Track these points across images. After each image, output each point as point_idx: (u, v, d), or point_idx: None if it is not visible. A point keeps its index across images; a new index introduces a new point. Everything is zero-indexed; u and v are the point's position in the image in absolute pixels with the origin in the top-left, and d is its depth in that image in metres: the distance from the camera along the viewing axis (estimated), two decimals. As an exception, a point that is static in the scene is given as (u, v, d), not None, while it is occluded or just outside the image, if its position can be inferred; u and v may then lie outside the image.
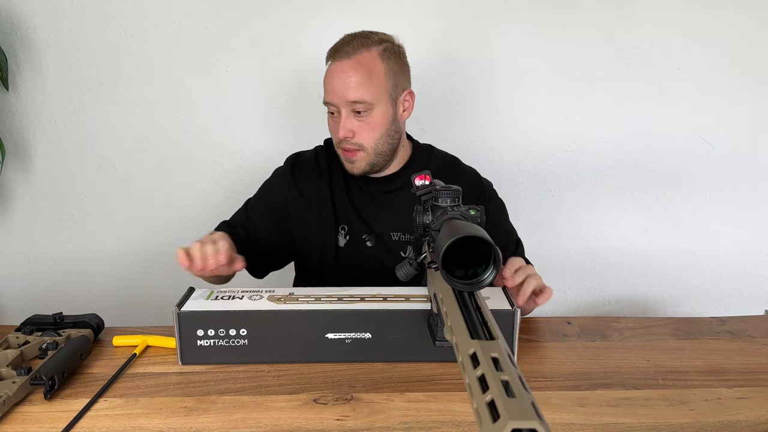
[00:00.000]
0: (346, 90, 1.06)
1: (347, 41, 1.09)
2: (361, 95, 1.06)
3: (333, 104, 1.09)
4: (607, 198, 1.79)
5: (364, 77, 1.06)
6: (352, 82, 1.06)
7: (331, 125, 1.14)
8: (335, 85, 1.07)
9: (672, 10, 1.65)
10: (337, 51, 1.09)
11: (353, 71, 1.06)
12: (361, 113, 1.08)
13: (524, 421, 0.36)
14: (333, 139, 1.15)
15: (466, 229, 0.59)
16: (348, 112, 1.08)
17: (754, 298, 1.87)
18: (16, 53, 1.64)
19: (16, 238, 1.78)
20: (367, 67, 1.07)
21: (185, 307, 0.88)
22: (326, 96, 1.11)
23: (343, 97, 1.07)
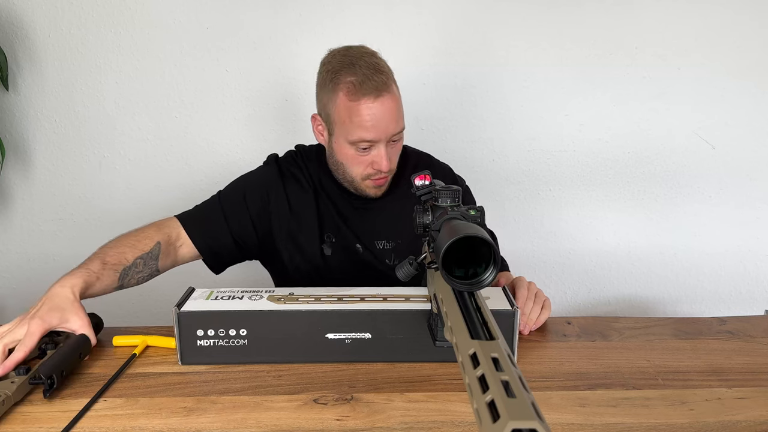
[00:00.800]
0: (393, 125, 1.05)
1: (371, 73, 1.02)
2: (401, 125, 1.07)
3: (373, 140, 1.04)
4: (607, 198, 1.79)
5: (399, 107, 1.06)
6: (396, 115, 1.05)
7: (356, 159, 1.08)
8: (380, 123, 1.03)
9: (672, 10, 1.65)
10: (366, 85, 1.02)
11: (395, 104, 1.05)
12: (395, 141, 1.08)
13: (524, 421, 0.36)
14: (358, 172, 1.09)
15: (466, 229, 0.59)
16: (386, 143, 1.06)
17: (754, 298, 1.87)
18: (16, 53, 1.64)
19: (16, 238, 1.78)
20: (398, 97, 1.06)
21: (185, 307, 0.88)
22: (365, 133, 1.03)
23: (389, 132, 1.05)
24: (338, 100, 1.05)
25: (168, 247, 1.13)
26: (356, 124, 1.03)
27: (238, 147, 1.73)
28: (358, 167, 1.09)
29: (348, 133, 1.05)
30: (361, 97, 1.02)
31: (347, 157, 1.09)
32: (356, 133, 1.04)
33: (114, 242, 1.09)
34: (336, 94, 1.05)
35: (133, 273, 1.07)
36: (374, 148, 1.06)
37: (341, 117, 1.05)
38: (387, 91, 1.03)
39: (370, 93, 1.02)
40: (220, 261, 1.21)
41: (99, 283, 1.01)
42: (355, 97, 1.02)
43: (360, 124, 1.03)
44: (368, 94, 1.02)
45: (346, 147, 1.07)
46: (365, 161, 1.08)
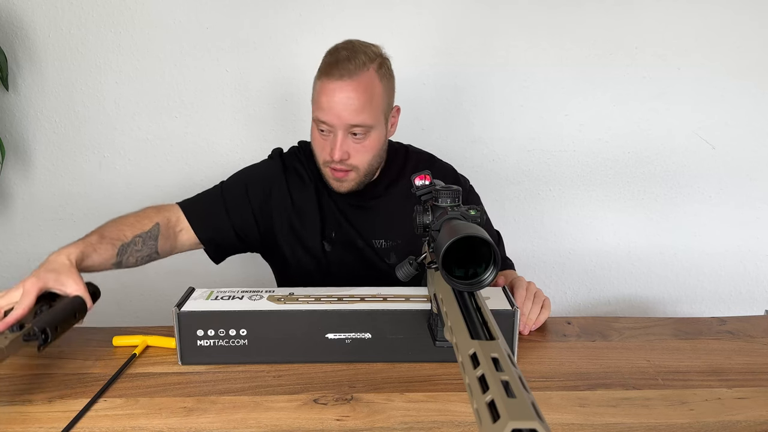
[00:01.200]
0: (347, 113, 1.02)
1: (345, 58, 1.02)
2: (362, 119, 1.03)
3: (328, 123, 1.04)
4: (607, 198, 1.79)
5: (366, 101, 1.03)
6: (353, 105, 1.02)
7: (319, 141, 1.08)
8: (335, 106, 1.02)
9: (672, 10, 1.65)
10: (334, 68, 1.02)
11: (355, 94, 1.02)
12: (357, 135, 1.05)
13: (524, 421, 0.36)
14: (319, 155, 1.10)
15: (466, 229, 0.59)
16: (345, 133, 1.05)
17: (754, 298, 1.87)
18: (16, 53, 1.64)
19: (16, 238, 1.78)
20: (368, 90, 1.03)
21: (185, 307, 0.88)
22: (321, 114, 1.05)
23: (343, 120, 1.03)
24: (315, 79, 1.08)
25: (168, 230, 1.13)
26: (316, 102, 1.06)
27: (238, 147, 1.73)
28: (320, 150, 1.09)
29: (313, 110, 1.08)
30: (326, 76, 1.04)
31: (314, 138, 1.11)
32: (316, 111, 1.06)
33: (113, 221, 1.08)
34: (317, 75, 1.08)
35: (131, 251, 1.07)
36: (333, 133, 1.06)
37: (313, 95, 1.08)
38: (352, 78, 1.01)
39: (333, 76, 1.02)
40: (221, 252, 1.20)
41: (96, 255, 0.99)
42: (321, 77, 1.05)
43: (318, 103, 1.05)
44: (332, 75, 1.02)
45: (313, 126, 1.09)
46: (325, 146, 1.08)
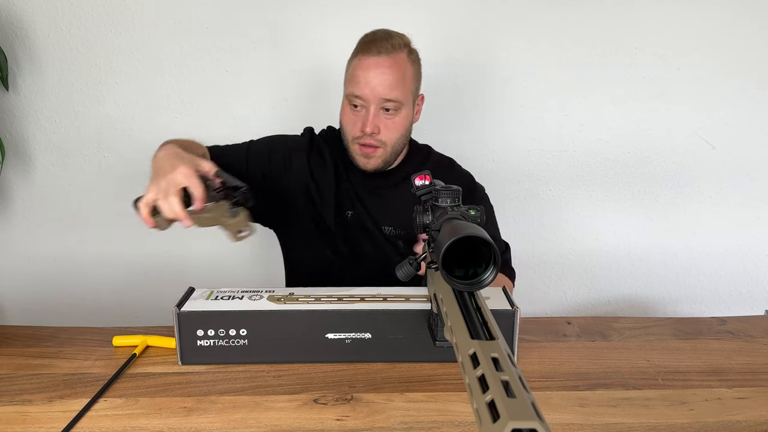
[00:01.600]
0: (382, 87, 1.07)
1: (382, 38, 1.08)
2: (395, 94, 1.08)
3: (363, 98, 1.09)
4: (607, 198, 1.79)
5: (399, 77, 1.08)
6: (388, 80, 1.07)
7: (350, 117, 1.12)
8: (371, 80, 1.07)
9: (672, 10, 1.65)
10: (371, 45, 1.08)
11: (390, 69, 1.07)
12: (389, 111, 1.10)
13: (524, 421, 0.36)
14: (349, 131, 1.14)
15: (466, 229, 0.59)
16: (377, 108, 1.09)
17: (754, 298, 1.87)
18: (16, 53, 1.64)
19: (16, 238, 1.78)
20: (402, 69, 1.09)
21: (185, 307, 0.88)
22: (355, 88, 1.09)
23: (378, 94, 1.08)
24: (350, 59, 1.13)
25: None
26: (351, 77, 1.10)
27: (238, 147, 1.73)
28: (350, 126, 1.13)
29: (346, 87, 1.12)
30: (363, 53, 1.09)
31: (344, 114, 1.14)
32: (350, 87, 1.10)
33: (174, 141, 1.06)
34: (351, 55, 1.13)
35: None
36: (365, 109, 1.10)
37: (347, 73, 1.12)
38: (388, 54, 1.07)
39: (371, 51, 1.07)
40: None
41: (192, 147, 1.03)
42: (357, 54, 1.10)
43: (352, 77, 1.09)
44: (370, 51, 1.07)
45: (345, 103, 1.13)
46: (356, 121, 1.11)
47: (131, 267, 1.81)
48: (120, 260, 1.80)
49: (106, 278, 1.81)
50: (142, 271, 1.81)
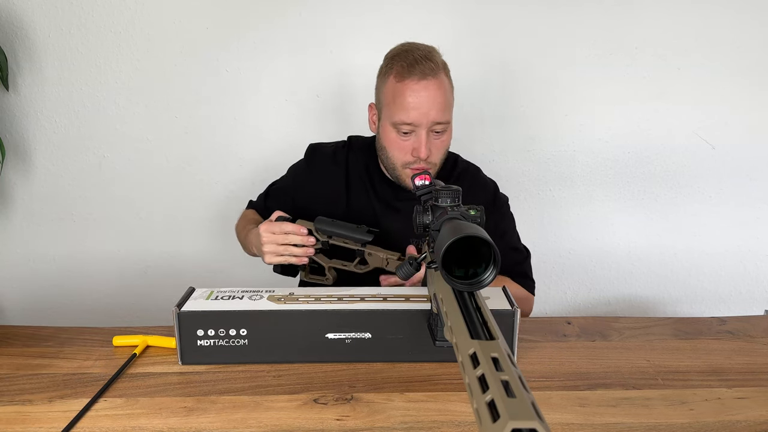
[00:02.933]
0: (435, 111, 1.05)
1: (422, 58, 1.05)
2: (446, 116, 1.08)
3: (414, 124, 1.06)
4: (607, 198, 1.79)
5: (447, 98, 1.08)
6: (440, 102, 1.05)
7: (399, 144, 1.09)
8: (422, 104, 1.04)
9: (672, 10, 1.65)
10: (414, 69, 1.05)
11: (440, 91, 1.05)
12: (438, 132, 1.08)
13: (524, 421, 0.36)
14: (398, 157, 1.11)
15: (466, 229, 0.59)
16: (427, 132, 1.07)
17: (754, 298, 1.87)
18: (16, 53, 1.64)
19: (16, 238, 1.78)
20: (445, 88, 1.08)
21: (185, 307, 0.88)
22: (405, 116, 1.05)
23: (430, 118, 1.05)
24: (388, 83, 1.09)
25: None
26: (399, 104, 1.06)
27: (238, 146, 1.73)
28: (398, 152, 1.10)
29: (392, 114, 1.08)
30: (406, 78, 1.05)
31: (390, 140, 1.11)
32: (398, 114, 1.06)
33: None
34: (387, 77, 1.09)
35: None
36: (415, 133, 1.08)
37: (388, 98, 1.08)
38: (433, 77, 1.05)
39: (415, 75, 1.04)
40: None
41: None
42: (401, 78, 1.06)
43: (402, 105, 1.05)
44: (414, 76, 1.05)
45: (389, 130, 1.10)
46: (406, 147, 1.09)
47: (131, 267, 1.81)
48: (120, 260, 1.80)
49: (106, 278, 1.81)
50: (142, 271, 1.81)
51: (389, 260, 1.03)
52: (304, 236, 1.03)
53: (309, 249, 1.04)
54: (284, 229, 1.03)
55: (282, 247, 1.03)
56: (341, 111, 1.70)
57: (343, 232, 1.05)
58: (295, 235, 1.03)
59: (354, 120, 1.69)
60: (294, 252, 1.04)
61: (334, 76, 1.68)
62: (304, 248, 1.04)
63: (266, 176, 1.50)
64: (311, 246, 1.04)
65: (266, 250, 1.04)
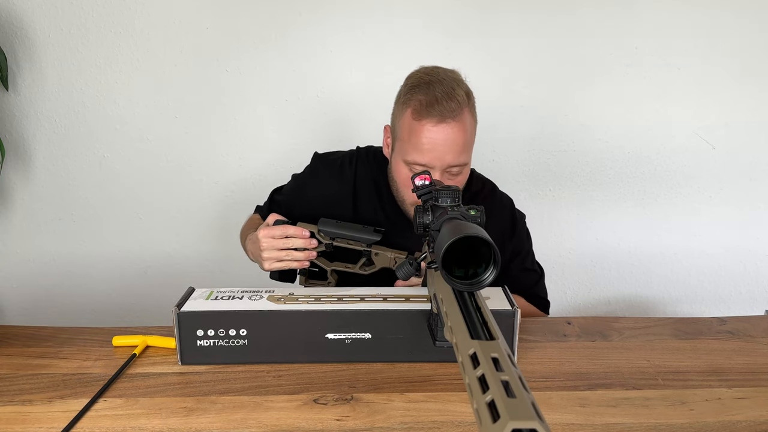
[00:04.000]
0: (451, 155, 0.99)
1: (444, 97, 0.97)
2: (463, 159, 1.01)
3: (428, 166, 0.99)
4: (607, 198, 1.79)
5: (467, 141, 1.01)
6: (458, 147, 0.99)
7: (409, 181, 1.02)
8: (438, 148, 0.98)
9: (672, 10, 1.65)
10: (434, 109, 0.97)
11: (460, 134, 0.98)
12: (454, 174, 1.03)
13: (524, 421, 0.36)
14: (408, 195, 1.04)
15: (466, 229, 0.59)
16: (442, 172, 1.01)
17: (754, 298, 1.87)
18: (16, 53, 1.64)
19: (16, 238, 1.78)
20: (468, 129, 1.01)
21: (185, 307, 0.88)
22: (419, 156, 0.99)
23: (445, 161, 0.99)
24: (404, 117, 1.01)
25: None
26: (413, 144, 1.00)
27: (237, 147, 1.73)
28: (408, 190, 1.01)
29: (405, 152, 1.01)
30: (424, 117, 0.98)
31: (401, 176, 1.05)
32: (411, 154, 1.00)
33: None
34: (405, 109, 1.01)
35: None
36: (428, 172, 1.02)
37: (403, 134, 1.02)
38: (453, 119, 0.98)
39: (434, 116, 0.97)
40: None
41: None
42: (419, 117, 0.98)
43: (416, 146, 0.99)
44: (432, 117, 0.97)
45: (401, 165, 1.04)
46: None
47: (131, 267, 1.81)
48: (120, 260, 1.80)
49: (106, 278, 1.81)
50: (142, 270, 1.81)
51: (397, 259, 1.00)
52: (307, 239, 1.00)
53: (311, 253, 1.01)
54: (286, 232, 1.00)
55: (283, 252, 1.00)
56: (341, 111, 1.70)
57: (349, 233, 1.02)
58: (298, 239, 1.00)
59: (354, 120, 1.69)
60: (296, 257, 1.01)
61: (334, 76, 1.68)
62: (307, 252, 1.01)
63: (266, 176, 1.51)
64: (313, 249, 1.01)
65: (266, 257, 1.00)
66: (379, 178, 1.15)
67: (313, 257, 1.02)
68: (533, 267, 1.21)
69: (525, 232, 1.22)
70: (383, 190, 1.15)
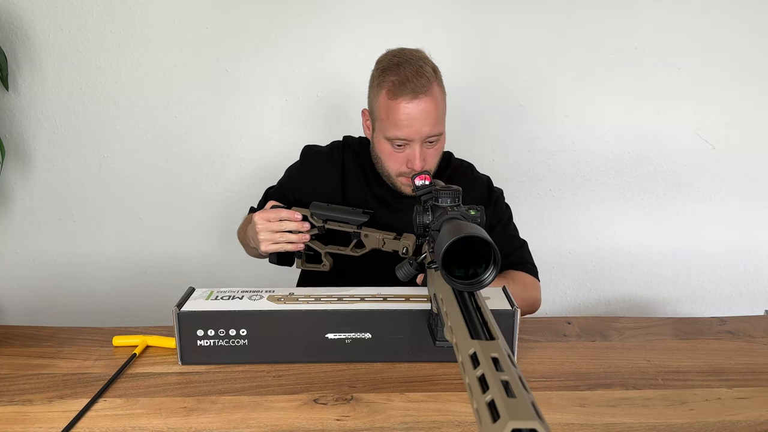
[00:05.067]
0: (428, 127, 1.07)
1: (415, 75, 1.06)
2: (439, 129, 1.10)
3: (407, 139, 1.08)
4: (607, 198, 1.79)
5: (440, 111, 1.09)
6: (432, 118, 1.07)
7: (393, 156, 1.12)
8: (415, 122, 1.06)
9: (672, 10, 1.65)
10: (406, 87, 1.05)
11: (432, 107, 1.07)
12: (432, 142, 1.11)
13: (524, 421, 0.36)
14: (393, 168, 1.13)
15: (466, 229, 0.59)
16: (421, 144, 1.09)
17: (754, 298, 1.87)
18: (16, 53, 1.64)
19: (16, 238, 1.78)
20: (439, 100, 1.09)
21: (185, 307, 0.88)
22: (399, 131, 1.07)
23: (423, 133, 1.07)
24: (380, 98, 1.09)
25: None
26: (392, 121, 1.07)
27: (238, 146, 1.73)
28: (393, 163, 1.13)
29: (385, 129, 1.09)
30: (399, 96, 1.06)
31: (384, 152, 1.13)
32: (392, 130, 1.08)
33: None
34: (380, 91, 1.09)
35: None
36: (409, 146, 1.10)
37: (381, 113, 1.10)
38: (425, 94, 1.06)
39: (407, 94, 1.05)
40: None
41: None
42: (394, 96, 1.06)
43: (396, 122, 1.07)
44: (406, 94, 1.05)
45: (383, 142, 1.12)
46: (400, 158, 1.11)
47: (131, 267, 1.81)
48: (120, 260, 1.80)
49: (106, 278, 1.81)
50: (141, 270, 1.81)
51: (386, 240, 1.05)
52: (299, 222, 1.05)
53: (304, 235, 1.06)
54: (279, 216, 1.05)
55: (278, 234, 1.05)
56: (341, 111, 1.70)
57: (338, 215, 1.07)
58: (290, 222, 1.05)
59: (354, 120, 1.68)
60: (289, 238, 1.06)
61: (334, 76, 1.68)
62: (300, 234, 1.06)
63: (266, 176, 1.51)
64: (306, 232, 1.06)
65: (262, 238, 1.06)
66: (365, 162, 1.22)
67: (306, 240, 1.07)
68: (515, 234, 1.26)
69: (503, 204, 1.27)
70: (369, 172, 1.21)
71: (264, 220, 1.05)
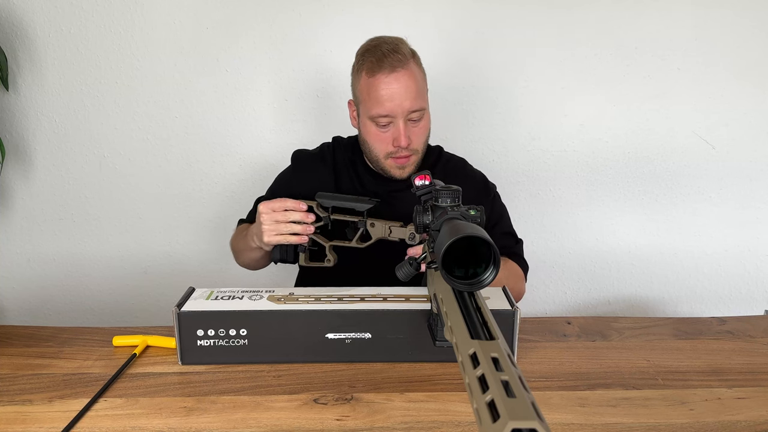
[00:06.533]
0: (408, 100, 1.08)
1: (389, 51, 1.08)
2: (420, 103, 1.10)
3: (390, 115, 1.09)
4: (607, 198, 1.79)
5: (419, 86, 1.11)
6: (412, 91, 1.08)
7: (378, 136, 1.13)
8: (395, 96, 1.08)
9: (672, 10, 1.65)
10: (383, 63, 1.08)
11: (411, 80, 1.08)
12: (415, 119, 1.11)
13: (524, 421, 0.36)
14: (380, 149, 1.14)
15: (466, 229, 0.59)
16: (404, 120, 1.10)
17: (754, 298, 1.87)
18: (16, 53, 1.64)
19: (16, 238, 1.78)
20: (417, 76, 1.11)
21: (185, 307, 0.88)
22: (380, 108, 1.09)
23: (404, 108, 1.08)
24: (361, 79, 1.12)
25: None
26: (374, 99, 1.09)
27: (238, 147, 1.73)
28: (380, 144, 1.13)
29: (368, 109, 1.11)
30: (377, 72, 1.08)
31: (370, 134, 1.14)
32: (374, 108, 1.09)
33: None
34: (360, 73, 1.12)
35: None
36: (393, 124, 1.10)
37: (363, 95, 1.12)
38: (402, 68, 1.08)
39: (385, 69, 1.08)
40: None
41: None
42: (372, 73, 1.09)
43: (377, 99, 1.09)
44: (384, 69, 1.08)
45: (368, 124, 1.13)
46: (386, 138, 1.12)
47: (131, 267, 1.81)
48: (120, 260, 1.80)
49: (106, 278, 1.81)
50: (141, 270, 1.81)
51: (392, 228, 1.05)
52: (304, 213, 1.04)
53: (309, 227, 1.05)
54: (284, 205, 1.04)
55: (282, 224, 1.04)
56: (341, 111, 1.70)
57: (345, 203, 1.07)
58: (295, 212, 1.04)
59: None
60: (294, 229, 1.04)
61: (334, 76, 1.68)
62: (305, 225, 1.04)
63: (266, 176, 1.50)
64: (311, 223, 1.05)
65: (265, 228, 1.04)
66: (356, 158, 1.24)
67: (311, 232, 1.05)
68: (512, 231, 1.29)
69: (498, 200, 1.29)
70: (360, 168, 1.23)
71: (269, 209, 1.04)
